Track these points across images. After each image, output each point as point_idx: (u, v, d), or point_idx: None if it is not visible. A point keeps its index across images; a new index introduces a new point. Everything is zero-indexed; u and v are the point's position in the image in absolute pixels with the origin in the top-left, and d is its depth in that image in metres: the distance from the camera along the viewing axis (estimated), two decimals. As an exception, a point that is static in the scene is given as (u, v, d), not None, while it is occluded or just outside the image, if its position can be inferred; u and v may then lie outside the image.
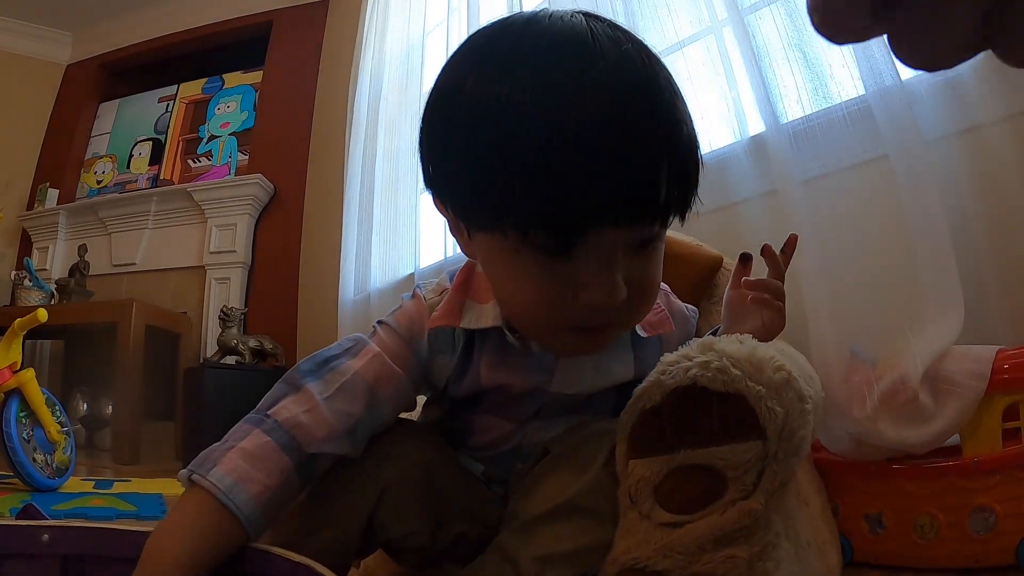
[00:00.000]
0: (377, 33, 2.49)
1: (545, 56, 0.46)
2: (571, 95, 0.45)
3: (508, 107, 0.45)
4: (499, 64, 0.47)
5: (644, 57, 0.48)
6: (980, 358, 0.87)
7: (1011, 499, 0.82)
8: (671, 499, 0.54)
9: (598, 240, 0.47)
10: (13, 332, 1.72)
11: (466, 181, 0.49)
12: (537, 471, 0.59)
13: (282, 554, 0.47)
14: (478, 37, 0.52)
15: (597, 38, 0.47)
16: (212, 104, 3.78)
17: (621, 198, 0.45)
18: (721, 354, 0.53)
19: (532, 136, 0.44)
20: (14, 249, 3.75)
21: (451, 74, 0.51)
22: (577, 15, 0.49)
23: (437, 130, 0.51)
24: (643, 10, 1.52)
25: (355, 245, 2.38)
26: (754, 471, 0.52)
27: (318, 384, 0.56)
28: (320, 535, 0.57)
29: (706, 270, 1.03)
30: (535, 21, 0.49)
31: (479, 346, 0.61)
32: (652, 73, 0.47)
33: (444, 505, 0.61)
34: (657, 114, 0.46)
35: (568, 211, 0.46)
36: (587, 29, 0.47)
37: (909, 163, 1.01)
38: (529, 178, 0.45)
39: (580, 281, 0.49)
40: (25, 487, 1.63)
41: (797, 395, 0.52)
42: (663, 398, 0.54)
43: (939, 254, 0.96)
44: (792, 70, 1.23)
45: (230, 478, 0.49)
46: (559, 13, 0.50)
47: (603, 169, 0.44)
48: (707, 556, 0.53)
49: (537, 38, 0.48)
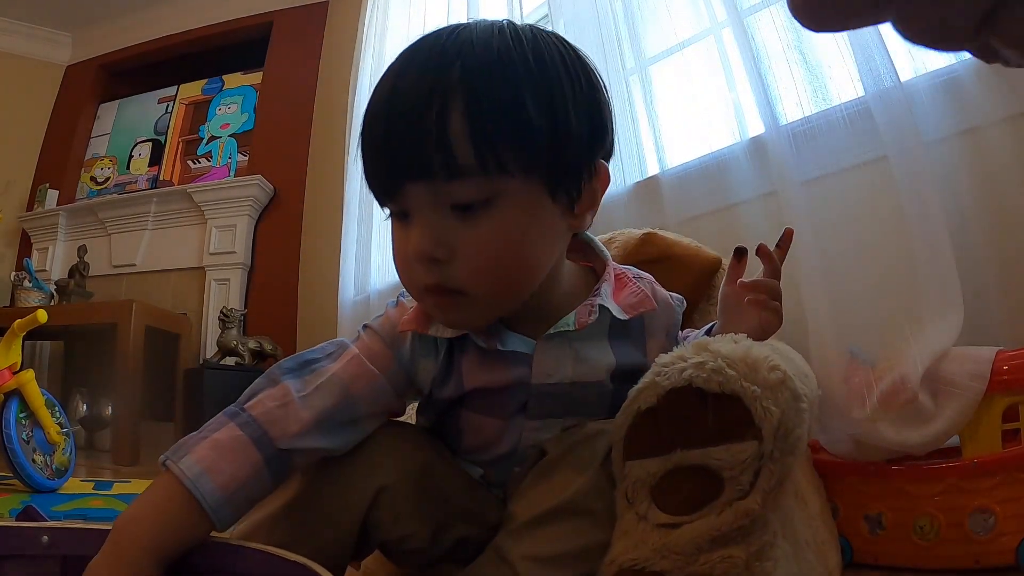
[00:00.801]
0: (377, 33, 2.49)
1: (399, 57, 0.55)
2: (383, 81, 0.54)
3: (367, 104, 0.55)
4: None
5: (500, 45, 0.53)
6: (980, 359, 0.87)
7: (1011, 500, 0.82)
8: (668, 500, 0.54)
9: (417, 200, 0.53)
10: (13, 333, 1.72)
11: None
12: (534, 473, 0.59)
13: (280, 554, 0.47)
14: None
15: (459, 34, 0.53)
16: (213, 105, 3.77)
17: (409, 154, 0.51)
18: (716, 354, 0.53)
19: (363, 123, 0.54)
20: (14, 250, 3.75)
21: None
22: (497, 22, 0.55)
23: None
24: (643, 12, 1.53)
25: (355, 246, 2.38)
26: (750, 471, 0.52)
27: (297, 383, 0.57)
28: (316, 535, 0.57)
29: (705, 271, 1.03)
30: (443, 29, 0.55)
31: (459, 349, 0.62)
32: (508, 52, 0.52)
33: (443, 507, 0.61)
34: (457, 83, 0.50)
35: (377, 174, 0.54)
36: (462, 29, 0.54)
37: (908, 164, 1.01)
38: (363, 158, 0.55)
39: (411, 238, 0.54)
40: (25, 488, 1.63)
41: (792, 394, 0.52)
42: (659, 399, 0.54)
43: (939, 255, 0.96)
44: (791, 71, 1.23)
45: (199, 467, 0.50)
46: (482, 21, 0.56)
47: (391, 133, 0.52)
48: (704, 556, 0.53)
49: (415, 42, 0.55)
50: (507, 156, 0.51)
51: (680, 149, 1.44)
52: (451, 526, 0.61)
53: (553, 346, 0.61)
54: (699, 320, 0.96)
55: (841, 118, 1.15)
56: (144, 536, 0.48)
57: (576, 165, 0.56)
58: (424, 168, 0.51)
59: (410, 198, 0.53)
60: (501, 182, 0.52)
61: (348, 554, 0.60)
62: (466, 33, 0.53)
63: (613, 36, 1.58)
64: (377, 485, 0.58)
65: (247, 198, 3.38)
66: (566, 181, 0.55)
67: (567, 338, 0.61)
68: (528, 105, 0.51)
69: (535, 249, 0.56)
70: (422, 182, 0.52)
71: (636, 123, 1.54)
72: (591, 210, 0.60)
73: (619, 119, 1.52)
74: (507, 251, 0.54)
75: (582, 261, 0.68)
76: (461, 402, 0.63)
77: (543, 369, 0.61)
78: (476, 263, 0.53)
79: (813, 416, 0.60)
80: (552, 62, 0.54)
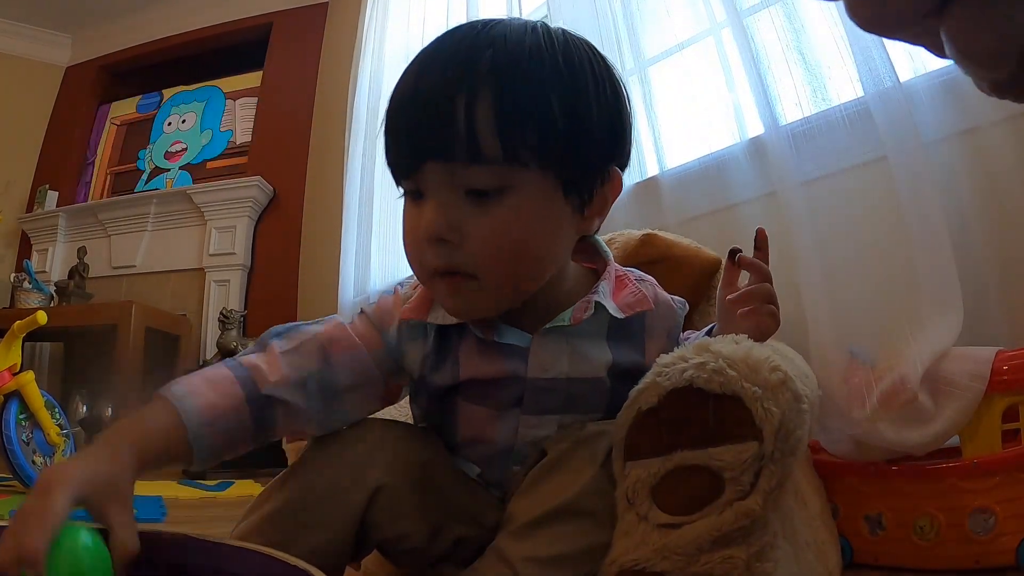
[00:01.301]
0: (377, 35, 2.50)
1: (432, 42, 0.57)
2: (413, 63, 0.56)
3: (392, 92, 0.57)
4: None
5: (532, 42, 0.55)
6: (979, 359, 0.87)
7: (1011, 500, 0.82)
8: (669, 500, 0.54)
9: (434, 180, 0.55)
10: (12, 334, 1.72)
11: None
12: (534, 473, 0.59)
13: (279, 556, 0.47)
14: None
15: (492, 27, 0.55)
16: (157, 121, 3.38)
17: (433, 134, 0.53)
18: (717, 355, 0.53)
19: (390, 100, 0.56)
20: (13, 251, 3.74)
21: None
22: (531, 21, 0.58)
23: None
24: (642, 12, 1.53)
25: (354, 247, 2.38)
26: (751, 471, 0.52)
27: (281, 342, 0.62)
28: (314, 535, 0.57)
29: (705, 272, 1.03)
30: (477, 22, 0.58)
31: (457, 335, 0.63)
32: (538, 52, 0.54)
33: (441, 507, 0.61)
34: (486, 75, 0.53)
35: (399, 150, 0.56)
36: (496, 23, 0.56)
37: (908, 165, 1.01)
38: (387, 133, 0.57)
39: (423, 218, 0.55)
40: (24, 490, 1.63)
41: (793, 395, 0.53)
42: (660, 400, 0.54)
43: (938, 255, 0.96)
44: (791, 72, 1.23)
45: (185, 390, 0.56)
46: (516, 19, 0.59)
47: (418, 112, 0.54)
48: (705, 557, 0.53)
49: (448, 31, 0.58)
50: (527, 149, 0.53)
51: (679, 150, 1.44)
52: (449, 526, 0.62)
53: (550, 341, 0.62)
54: (699, 321, 0.96)
55: (841, 118, 1.15)
56: (130, 434, 0.53)
57: (591, 167, 0.58)
58: (447, 149, 0.53)
59: (428, 177, 0.55)
60: (518, 173, 0.54)
61: (347, 552, 0.60)
62: (500, 28, 0.56)
63: (612, 36, 1.58)
64: (374, 484, 0.58)
65: (247, 199, 3.38)
66: (580, 181, 0.57)
67: (564, 334, 0.62)
68: (553, 103, 0.54)
69: (543, 242, 0.57)
70: (442, 162, 0.54)
71: (635, 124, 1.54)
72: (600, 215, 0.61)
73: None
74: (515, 240, 0.55)
75: (586, 263, 0.69)
76: (457, 390, 0.64)
77: (539, 363, 0.62)
78: (485, 248, 0.55)
79: (814, 417, 0.60)
80: (580, 66, 0.56)
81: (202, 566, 0.50)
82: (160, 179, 3.32)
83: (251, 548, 0.49)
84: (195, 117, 3.44)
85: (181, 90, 3.42)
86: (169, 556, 0.50)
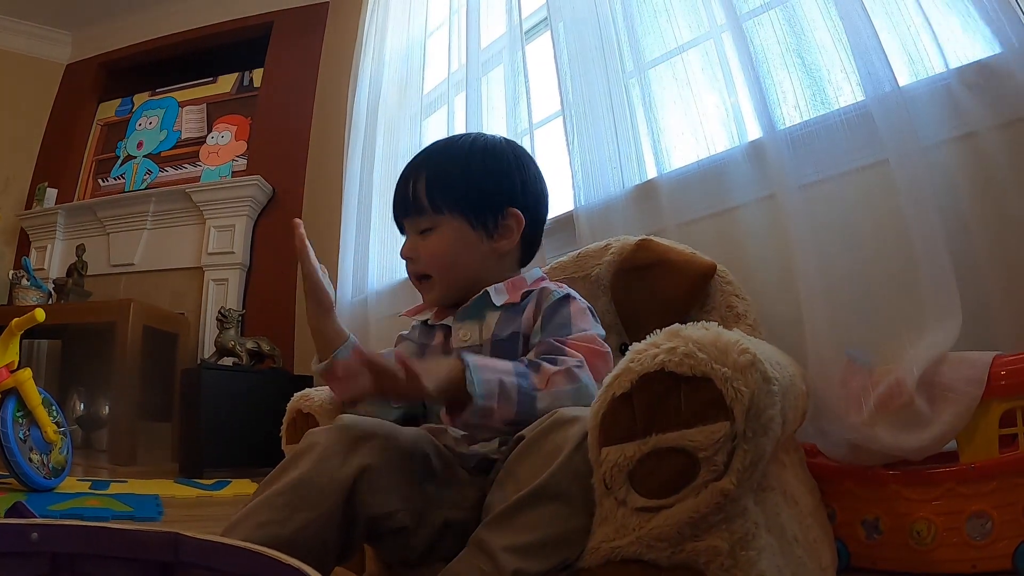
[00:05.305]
0: (377, 34, 2.49)
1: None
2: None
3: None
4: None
5: (468, 145, 0.94)
6: (977, 364, 0.87)
7: (1008, 505, 0.82)
8: (645, 483, 0.56)
9: (407, 226, 0.94)
10: (10, 332, 1.72)
11: None
12: (510, 461, 0.64)
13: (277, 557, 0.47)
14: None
15: (464, 140, 0.96)
16: (132, 122, 3.91)
17: (399, 204, 0.94)
18: (687, 340, 0.56)
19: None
20: (12, 248, 3.75)
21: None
22: (496, 136, 0.98)
23: None
24: (642, 16, 1.53)
25: (353, 247, 2.38)
26: (724, 451, 0.54)
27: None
28: (303, 512, 0.62)
29: (699, 278, 1.03)
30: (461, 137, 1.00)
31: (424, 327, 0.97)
32: (455, 147, 0.95)
33: (427, 485, 0.70)
34: (423, 164, 0.93)
35: (394, 213, 0.96)
36: (463, 137, 0.98)
37: (907, 168, 1.01)
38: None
39: (403, 247, 0.94)
40: (21, 487, 1.63)
41: (762, 376, 0.55)
42: (632, 384, 0.57)
43: (937, 259, 0.96)
44: (790, 76, 1.23)
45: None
46: (489, 136, 0.98)
47: (396, 193, 0.94)
48: (689, 545, 0.55)
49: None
50: (441, 203, 0.89)
51: (678, 153, 1.44)
52: (435, 508, 0.69)
53: (467, 321, 0.89)
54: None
55: (839, 122, 1.15)
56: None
57: (489, 210, 0.90)
58: (406, 210, 0.93)
59: (404, 224, 0.95)
60: (442, 217, 0.90)
61: (335, 525, 0.64)
62: (449, 138, 1.00)
63: (612, 39, 1.58)
64: (362, 463, 0.66)
65: (246, 198, 3.38)
66: (481, 218, 0.89)
67: (474, 315, 0.89)
68: (454, 174, 0.90)
69: (461, 258, 0.90)
70: (406, 218, 0.94)
71: (635, 127, 1.53)
72: (507, 238, 0.91)
73: (617, 123, 1.52)
74: (444, 255, 0.90)
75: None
76: (424, 352, 0.93)
77: (457, 336, 0.89)
78: (429, 260, 0.91)
79: (789, 404, 0.63)
80: (483, 150, 0.92)
81: (201, 565, 0.50)
82: (129, 164, 3.83)
83: (245, 547, 0.49)
84: (157, 120, 3.89)
85: (148, 99, 3.98)
86: (161, 555, 0.50)
